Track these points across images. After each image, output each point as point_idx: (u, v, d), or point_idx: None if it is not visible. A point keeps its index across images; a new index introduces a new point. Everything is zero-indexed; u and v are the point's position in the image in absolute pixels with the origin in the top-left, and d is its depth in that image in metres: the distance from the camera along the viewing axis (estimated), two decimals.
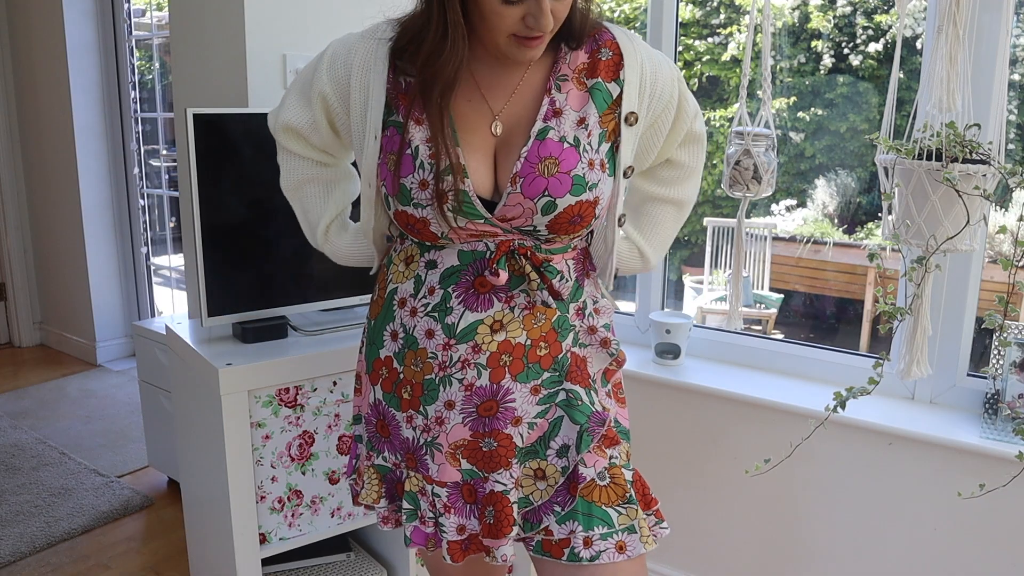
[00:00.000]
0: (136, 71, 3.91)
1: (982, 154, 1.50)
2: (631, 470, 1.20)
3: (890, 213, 1.63)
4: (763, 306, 4.45)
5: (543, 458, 1.18)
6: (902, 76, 1.63)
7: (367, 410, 1.27)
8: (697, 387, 2.01)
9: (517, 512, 1.17)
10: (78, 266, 3.97)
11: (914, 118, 1.58)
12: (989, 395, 1.70)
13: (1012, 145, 1.77)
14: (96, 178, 3.92)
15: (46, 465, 2.86)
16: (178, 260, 3.99)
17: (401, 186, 1.11)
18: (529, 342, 1.15)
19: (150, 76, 4.22)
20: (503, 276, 1.11)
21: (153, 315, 4.15)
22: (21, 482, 2.73)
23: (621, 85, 1.14)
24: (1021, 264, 1.44)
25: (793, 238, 4.73)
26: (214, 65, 2.02)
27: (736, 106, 1.90)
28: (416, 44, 1.09)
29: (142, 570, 2.28)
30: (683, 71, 1.30)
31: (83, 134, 3.83)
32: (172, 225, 4.04)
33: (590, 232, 1.21)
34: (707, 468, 2.05)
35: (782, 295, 4.62)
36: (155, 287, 4.15)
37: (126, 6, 3.82)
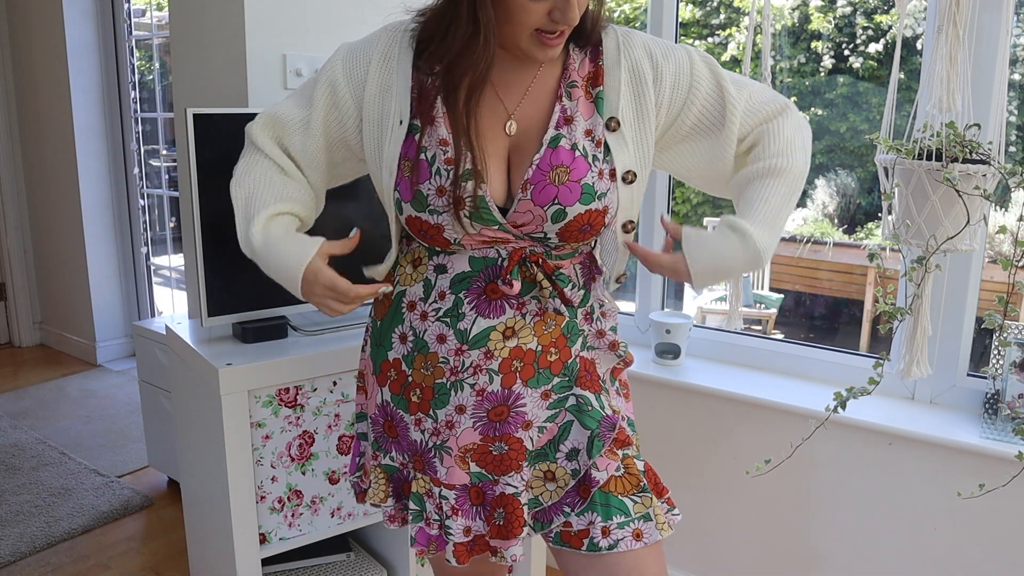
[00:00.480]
0: (136, 71, 3.91)
1: (982, 154, 1.50)
2: (642, 460, 1.21)
3: (890, 213, 1.63)
4: (763, 306, 4.45)
5: (553, 460, 1.18)
6: (902, 76, 1.63)
7: (374, 410, 1.27)
8: (697, 387, 2.01)
9: (527, 513, 1.18)
10: (78, 266, 3.97)
11: (914, 118, 1.59)
12: (989, 395, 1.70)
13: (1012, 146, 1.77)
14: (96, 178, 3.92)
15: (46, 465, 2.86)
16: (178, 260, 3.99)
17: (417, 192, 1.10)
18: (540, 348, 1.15)
19: (150, 76, 4.22)
20: (516, 286, 1.11)
21: (153, 315, 4.14)
22: (21, 482, 2.73)
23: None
24: (1021, 264, 1.44)
25: (793, 238, 4.72)
26: (214, 65, 2.02)
27: None
28: (441, 40, 1.07)
29: (142, 570, 2.28)
30: None
31: (83, 134, 3.83)
32: (172, 225, 4.04)
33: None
34: (707, 468, 2.04)
35: (782, 295, 4.61)
36: (155, 287, 4.15)
37: (126, 6, 3.82)
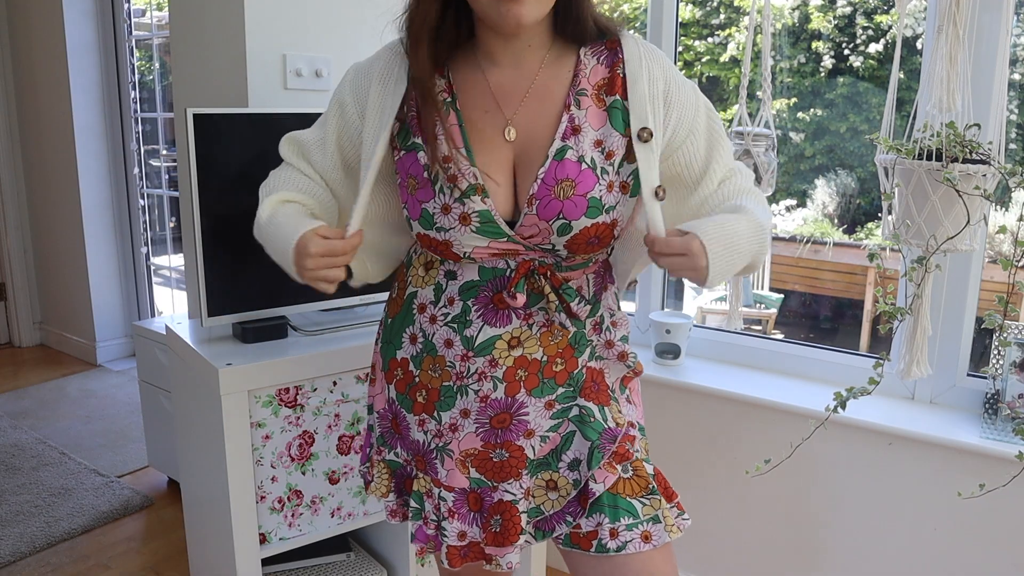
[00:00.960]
0: (136, 71, 3.91)
1: (982, 154, 1.50)
2: (651, 464, 1.21)
3: (890, 213, 1.63)
4: (763, 306, 4.45)
5: (555, 470, 1.19)
6: (902, 76, 1.63)
7: (382, 405, 1.28)
8: (697, 387, 2.01)
9: (527, 521, 1.19)
10: (78, 266, 3.97)
11: (914, 118, 1.58)
12: (989, 395, 1.70)
13: (1013, 145, 1.77)
14: (96, 178, 3.92)
15: (46, 465, 2.86)
16: (178, 260, 3.99)
17: (423, 211, 1.11)
18: (545, 358, 1.15)
19: (150, 76, 4.22)
20: (520, 299, 1.11)
21: (153, 315, 4.14)
22: (21, 482, 2.73)
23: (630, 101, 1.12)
24: (1021, 264, 1.44)
25: (793, 238, 4.72)
26: (214, 65, 2.02)
27: (736, 106, 1.90)
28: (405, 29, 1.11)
29: (142, 570, 2.28)
30: (683, 71, 1.28)
31: (83, 134, 3.83)
32: (172, 225, 4.04)
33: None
34: (707, 468, 2.04)
35: (782, 295, 4.62)
36: (155, 287, 4.15)
37: (126, 6, 3.82)
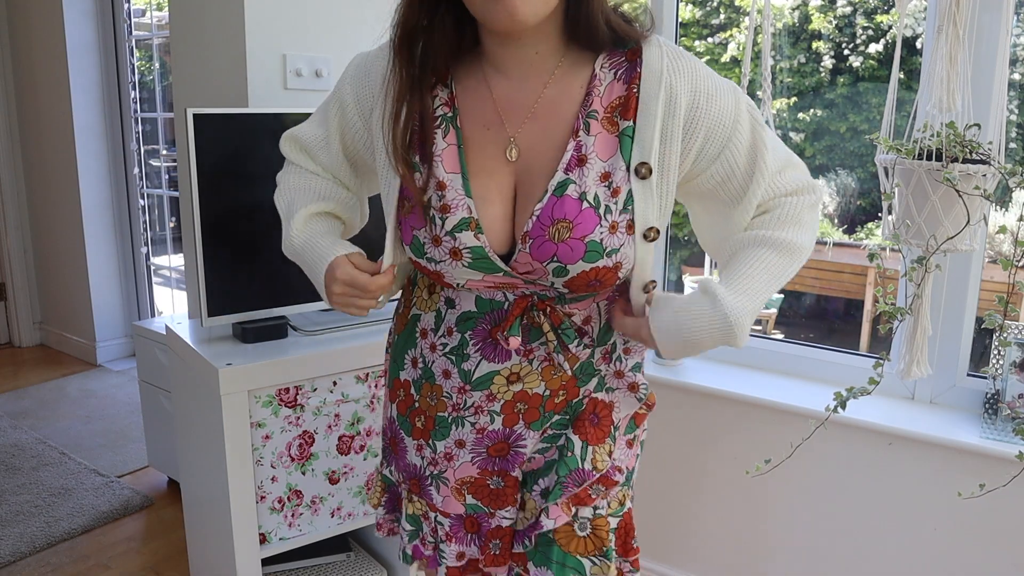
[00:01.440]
0: (136, 71, 3.91)
1: (982, 154, 1.50)
2: (620, 516, 1.16)
3: (890, 213, 1.63)
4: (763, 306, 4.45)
5: (528, 491, 1.15)
6: (902, 76, 1.63)
7: (386, 420, 1.25)
8: (697, 387, 2.01)
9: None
10: (78, 266, 3.97)
11: (914, 118, 1.58)
12: (989, 395, 1.70)
13: (1013, 145, 1.77)
14: (96, 178, 3.92)
15: (46, 465, 2.86)
16: (178, 260, 3.99)
17: (415, 238, 1.03)
18: (548, 392, 1.10)
19: (150, 76, 4.22)
20: (515, 342, 1.03)
21: (153, 315, 4.14)
22: (21, 482, 2.73)
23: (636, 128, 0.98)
24: (1021, 264, 1.44)
25: None
26: (214, 65, 2.02)
27: None
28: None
29: (142, 570, 2.28)
30: None
31: (83, 134, 3.83)
32: (172, 225, 4.04)
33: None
34: (707, 468, 2.04)
35: (782, 295, 4.61)
36: (155, 287, 4.15)
37: (126, 6, 3.82)
